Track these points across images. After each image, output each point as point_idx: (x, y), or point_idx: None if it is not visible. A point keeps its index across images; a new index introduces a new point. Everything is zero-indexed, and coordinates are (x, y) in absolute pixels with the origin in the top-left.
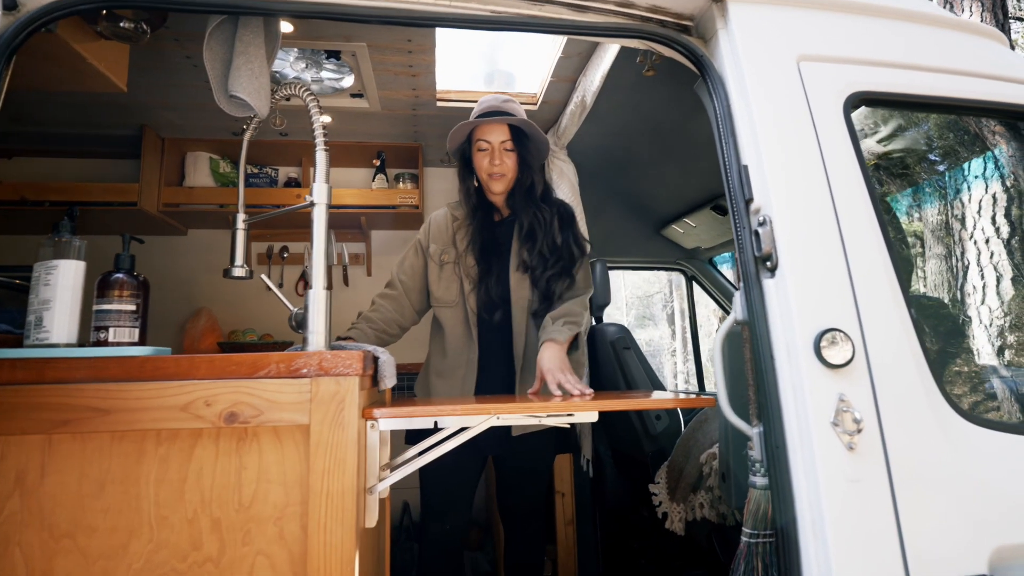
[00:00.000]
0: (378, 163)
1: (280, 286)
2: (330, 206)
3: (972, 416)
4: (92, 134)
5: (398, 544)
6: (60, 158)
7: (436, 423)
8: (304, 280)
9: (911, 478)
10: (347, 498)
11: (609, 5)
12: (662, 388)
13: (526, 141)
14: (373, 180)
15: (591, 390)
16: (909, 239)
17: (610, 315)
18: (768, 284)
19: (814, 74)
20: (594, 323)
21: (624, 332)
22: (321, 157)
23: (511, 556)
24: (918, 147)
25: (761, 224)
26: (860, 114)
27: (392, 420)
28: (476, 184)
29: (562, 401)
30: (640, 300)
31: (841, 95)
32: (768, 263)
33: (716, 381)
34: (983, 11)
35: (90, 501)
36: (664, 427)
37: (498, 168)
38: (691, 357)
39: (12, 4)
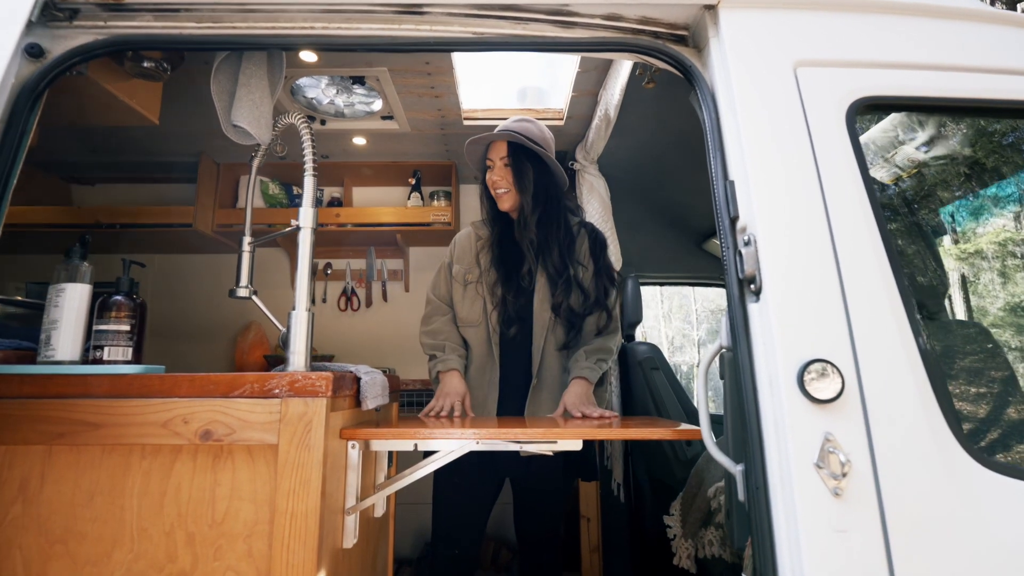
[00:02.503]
0: (413, 181)
1: (323, 300)
2: (315, 229)
3: (991, 462)
4: (158, 162)
5: (424, 560)
6: (131, 184)
7: (416, 446)
8: (345, 295)
9: (910, 530)
10: (310, 519)
11: (596, 20)
12: (692, 409)
13: (525, 160)
14: (409, 198)
15: (615, 413)
16: (950, 257)
17: (681, 330)
18: (752, 309)
19: (813, 81)
20: (625, 342)
21: (654, 352)
22: (309, 183)
23: None
24: (967, 153)
25: (746, 244)
26: (893, 120)
27: (377, 442)
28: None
29: (583, 422)
30: (712, 315)
31: (843, 102)
32: (752, 286)
33: (699, 411)
34: None
35: (81, 510)
36: (696, 452)
37: (498, 182)
38: None
39: (39, 52)
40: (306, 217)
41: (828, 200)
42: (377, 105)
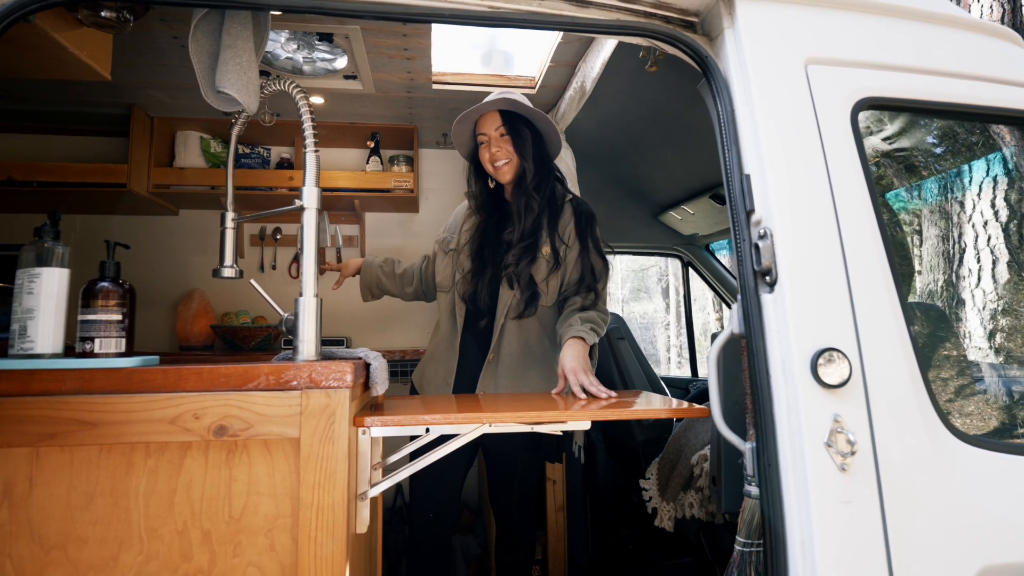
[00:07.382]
0: (372, 145)
1: (273, 267)
2: (320, 209)
3: (968, 437)
4: (81, 112)
5: (390, 525)
6: (48, 135)
7: (428, 430)
8: (297, 262)
9: (901, 500)
10: (337, 510)
11: (613, 0)
12: (655, 378)
13: (521, 126)
14: (367, 162)
15: (614, 392)
16: (914, 243)
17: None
18: (766, 299)
19: (822, 78)
20: None
21: (618, 322)
22: (311, 159)
23: (502, 547)
24: (927, 146)
25: (762, 237)
26: (873, 118)
27: (384, 428)
28: (490, 184)
29: (585, 401)
30: (635, 273)
31: (849, 101)
32: (767, 278)
33: (710, 394)
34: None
35: (79, 513)
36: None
37: (497, 154)
38: (683, 331)
39: None
40: (310, 197)
41: (836, 196)
42: (340, 63)
